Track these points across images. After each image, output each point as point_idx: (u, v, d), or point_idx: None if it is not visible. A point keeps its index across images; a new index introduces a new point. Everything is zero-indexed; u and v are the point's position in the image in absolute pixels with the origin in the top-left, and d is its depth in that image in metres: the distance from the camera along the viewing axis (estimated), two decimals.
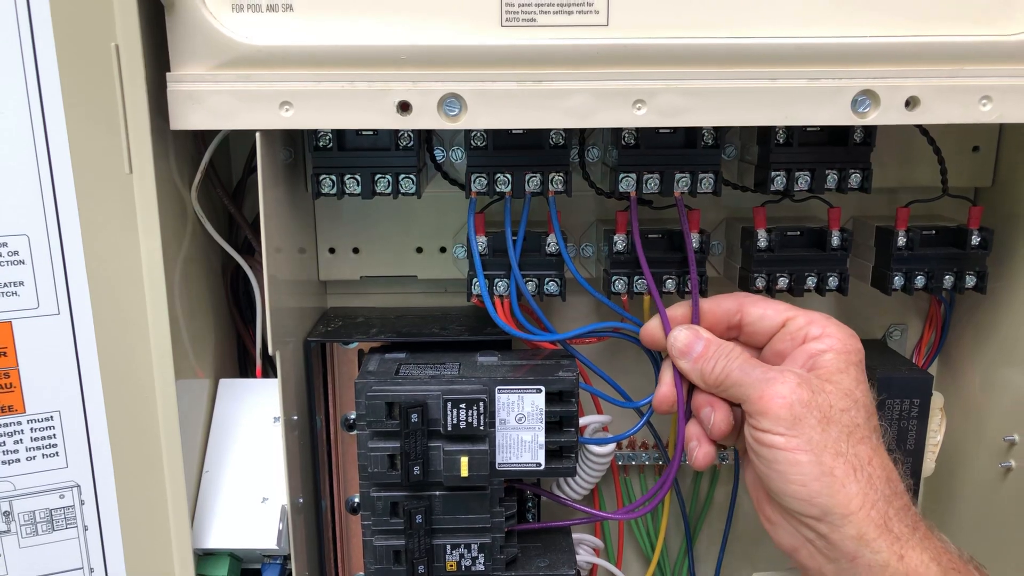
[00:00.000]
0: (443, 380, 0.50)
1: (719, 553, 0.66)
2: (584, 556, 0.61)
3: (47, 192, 0.45)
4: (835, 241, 0.54)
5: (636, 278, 0.54)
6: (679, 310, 0.50)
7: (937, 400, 0.59)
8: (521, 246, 0.52)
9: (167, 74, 0.44)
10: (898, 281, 0.56)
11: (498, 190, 0.51)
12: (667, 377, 0.50)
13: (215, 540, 0.51)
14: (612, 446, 0.57)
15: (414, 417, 0.48)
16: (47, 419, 0.48)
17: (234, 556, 0.52)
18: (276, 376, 0.50)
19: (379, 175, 0.50)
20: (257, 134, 0.45)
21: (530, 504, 0.58)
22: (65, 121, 0.45)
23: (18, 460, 0.48)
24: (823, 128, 0.52)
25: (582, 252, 0.60)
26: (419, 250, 0.61)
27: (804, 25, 0.45)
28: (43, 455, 0.48)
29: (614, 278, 0.54)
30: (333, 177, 0.50)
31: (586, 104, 0.44)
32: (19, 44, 0.43)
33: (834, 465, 0.42)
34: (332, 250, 0.61)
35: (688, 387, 0.50)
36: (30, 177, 0.45)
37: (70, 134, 0.45)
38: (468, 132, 0.50)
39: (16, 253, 0.46)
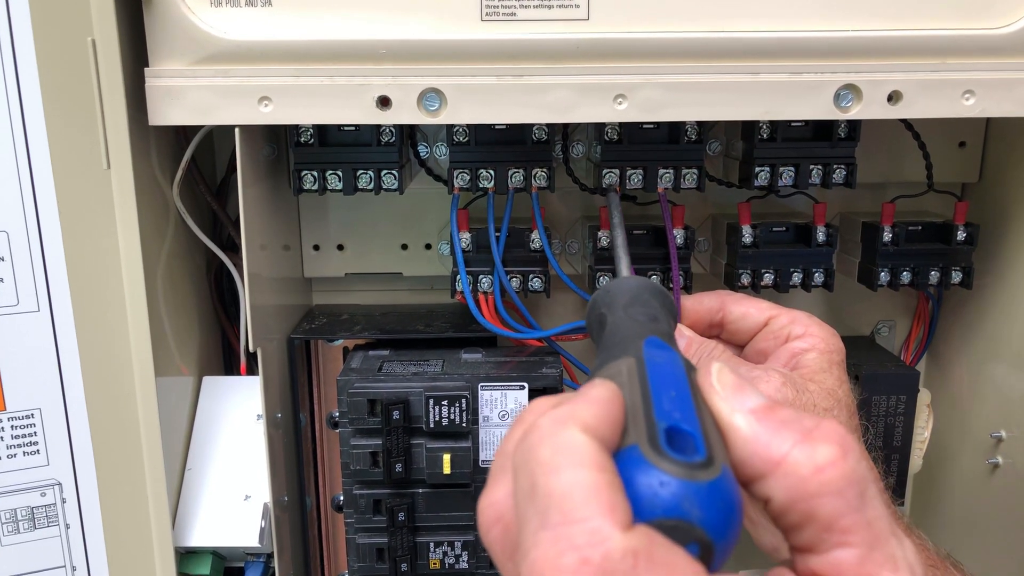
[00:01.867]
0: (426, 377, 0.50)
1: None
2: None
3: (26, 189, 0.45)
4: (820, 237, 0.54)
5: None
6: None
7: (924, 397, 0.59)
8: (505, 242, 0.52)
9: (145, 69, 0.43)
10: (884, 277, 0.56)
11: (481, 186, 0.51)
12: None
13: (197, 538, 0.51)
14: None
15: (396, 414, 0.48)
16: (28, 416, 0.48)
17: (217, 554, 0.52)
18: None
19: (361, 171, 0.50)
20: (236, 130, 0.45)
21: None
22: (44, 117, 0.44)
23: None
24: (807, 123, 0.51)
25: (568, 248, 0.60)
26: (404, 247, 0.61)
27: (786, 19, 0.44)
28: (24, 453, 0.48)
29: (599, 274, 0.53)
30: (315, 173, 0.50)
31: (567, 99, 0.44)
32: None
33: None
34: (317, 247, 0.61)
35: None
36: (9, 173, 0.45)
37: (49, 130, 0.45)
38: (450, 127, 0.50)
39: None
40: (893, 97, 0.45)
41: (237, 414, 0.54)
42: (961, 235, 0.55)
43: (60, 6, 0.43)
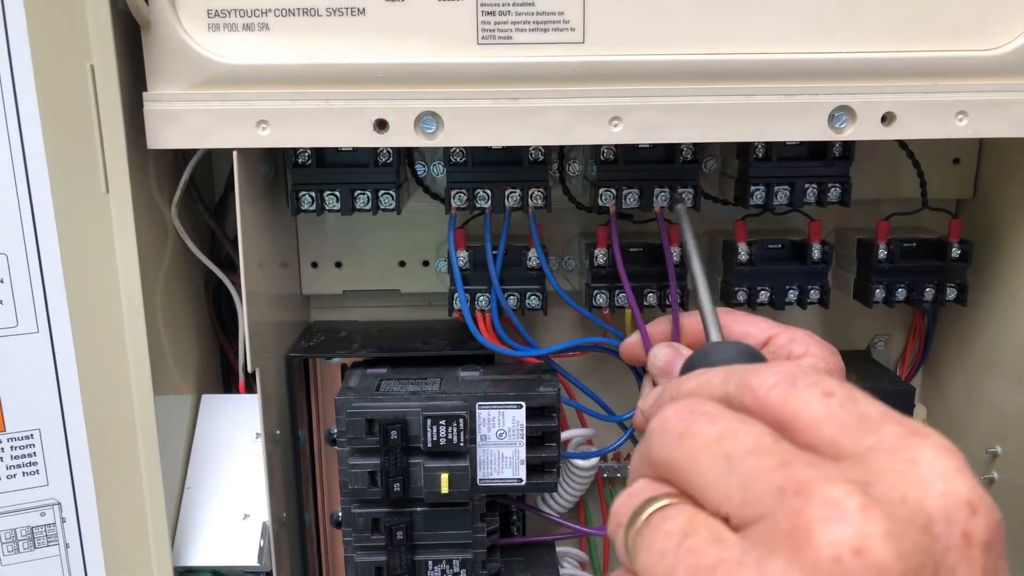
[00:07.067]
0: (423, 396, 0.50)
1: None
2: (569, 570, 0.61)
3: (25, 211, 0.45)
4: (816, 254, 0.54)
5: (618, 292, 0.54)
6: (660, 326, 0.50)
7: (919, 413, 0.59)
8: (503, 260, 0.52)
9: (143, 93, 0.44)
10: (879, 294, 0.56)
11: (478, 206, 0.51)
12: (648, 392, 0.49)
13: (196, 557, 0.51)
14: (596, 460, 0.57)
15: (393, 434, 0.48)
16: (27, 437, 0.48)
17: (216, 573, 0.52)
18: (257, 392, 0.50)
19: (358, 191, 0.50)
20: (234, 152, 0.45)
21: (515, 517, 0.58)
22: (43, 141, 0.45)
23: None
24: (802, 142, 0.52)
25: (565, 265, 0.60)
26: (402, 264, 0.61)
27: (780, 42, 0.45)
28: (24, 473, 0.48)
29: (595, 292, 0.54)
30: (312, 194, 0.50)
31: (562, 121, 0.45)
32: None
33: None
34: (315, 264, 0.61)
35: None
36: (8, 196, 0.45)
37: (48, 153, 0.45)
38: (447, 148, 0.50)
39: None
40: (887, 118, 0.45)
41: (236, 432, 0.54)
42: (955, 252, 0.55)
43: (59, 32, 0.43)
